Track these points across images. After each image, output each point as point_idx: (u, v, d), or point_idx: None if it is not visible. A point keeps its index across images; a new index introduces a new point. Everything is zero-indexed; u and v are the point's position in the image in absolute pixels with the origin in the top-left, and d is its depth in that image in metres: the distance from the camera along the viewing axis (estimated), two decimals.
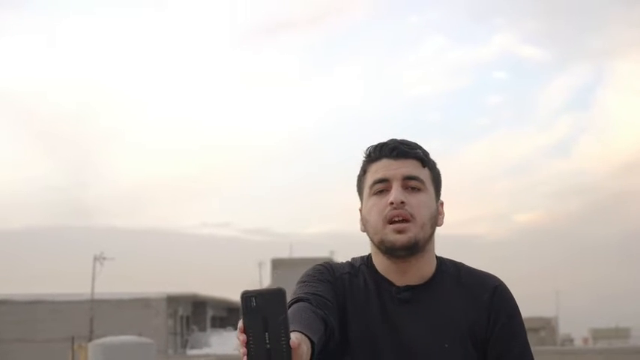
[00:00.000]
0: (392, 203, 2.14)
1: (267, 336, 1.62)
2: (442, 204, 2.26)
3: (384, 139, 2.26)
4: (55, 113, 63.48)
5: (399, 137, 2.27)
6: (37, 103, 61.95)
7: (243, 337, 1.63)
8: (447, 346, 2.15)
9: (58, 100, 62.32)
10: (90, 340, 26.53)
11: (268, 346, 1.61)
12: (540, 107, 72.37)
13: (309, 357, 1.79)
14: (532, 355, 2.22)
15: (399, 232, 2.13)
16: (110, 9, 66.43)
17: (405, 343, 2.15)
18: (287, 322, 1.62)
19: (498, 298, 2.21)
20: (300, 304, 2.00)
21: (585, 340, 53.37)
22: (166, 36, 66.64)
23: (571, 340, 54.68)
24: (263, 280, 55.70)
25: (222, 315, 46.88)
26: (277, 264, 41.65)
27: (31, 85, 62.84)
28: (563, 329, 55.36)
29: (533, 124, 72.28)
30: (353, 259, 2.29)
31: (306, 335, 1.79)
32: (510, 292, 2.25)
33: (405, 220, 2.13)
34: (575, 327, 58.81)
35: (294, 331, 1.71)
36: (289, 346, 1.62)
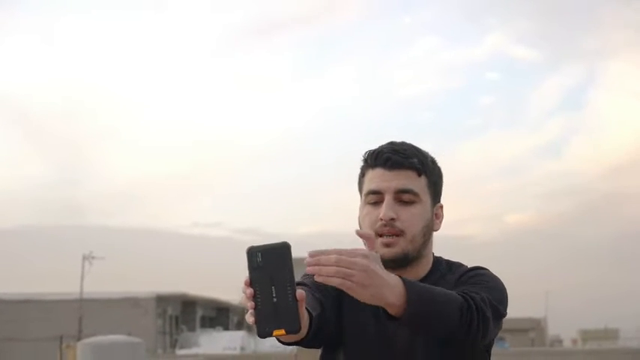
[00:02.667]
0: (382, 219, 2.14)
1: (273, 290, 1.63)
2: (441, 207, 2.25)
3: (382, 143, 2.23)
4: (47, 111, 63.36)
5: (392, 139, 2.25)
6: (29, 101, 61.82)
7: (250, 290, 1.63)
8: (438, 341, 2.14)
9: (49, 99, 62.22)
10: (79, 339, 26.46)
11: (275, 299, 1.62)
12: (532, 108, 72.54)
13: (307, 326, 1.82)
14: (487, 295, 2.07)
15: (387, 245, 2.14)
16: (103, 10, 66.33)
17: (397, 339, 2.17)
18: (293, 275, 1.64)
19: (469, 270, 2.23)
20: (299, 287, 2.00)
21: (574, 341, 53.49)
22: (158, 36, 66.54)
23: (560, 341, 54.78)
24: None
25: (211, 315, 46.83)
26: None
27: (22, 84, 62.68)
28: (553, 330, 55.53)
29: (524, 124, 72.42)
30: None
31: (305, 308, 1.79)
32: (487, 270, 2.21)
33: (394, 235, 2.14)
34: (564, 328, 59.01)
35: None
36: (295, 298, 1.63)
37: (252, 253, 1.65)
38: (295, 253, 1.72)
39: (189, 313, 43.33)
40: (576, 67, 71.79)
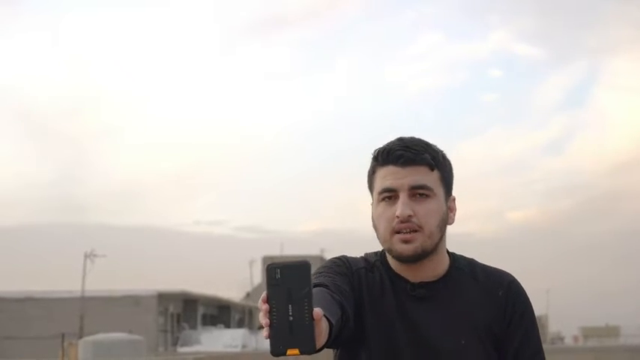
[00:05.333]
0: (398, 217, 2.14)
1: (290, 308, 1.61)
2: (454, 199, 2.25)
3: (389, 139, 2.22)
4: (50, 109, 63.30)
5: (395, 135, 2.24)
6: (32, 99, 61.74)
7: (265, 306, 1.62)
8: (463, 342, 2.16)
9: (51, 97, 62.16)
10: (80, 337, 26.46)
11: (291, 317, 1.61)
12: (535, 105, 72.51)
13: (327, 337, 1.80)
14: (543, 353, 2.25)
15: (406, 242, 2.14)
16: (106, 8, 66.31)
17: (421, 339, 2.16)
18: (311, 295, 1.62)
19: (513, 293, 2.23)
20: (318, 288, 1.97)
21: (576, 338, 53.43)
22: (161, 33, 66.53)
23: (561, 338, 54.78)
24: (254, 279, 55.68)
25: (212, 313, 46.81)
26: (268, 262, 41.51)
27: (26, 81, 62.68)
28: (554, 327, 55.52)
29: (527, 122, 72.43)
30: (366, 254, 2.29)
31: (324, 316, 1.76)
32: (523, 288, 2.27)
33: (412, 231, 2.14)
34: (565, 325, 58.95)
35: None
36: (312, 318, 1.61)
37: (271, 269, 1.63)
38: (297, 251, 1.73)
39: (190, 311, 43.30)
40: (579, 65, 71.85)
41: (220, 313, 47.03)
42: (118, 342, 22.09)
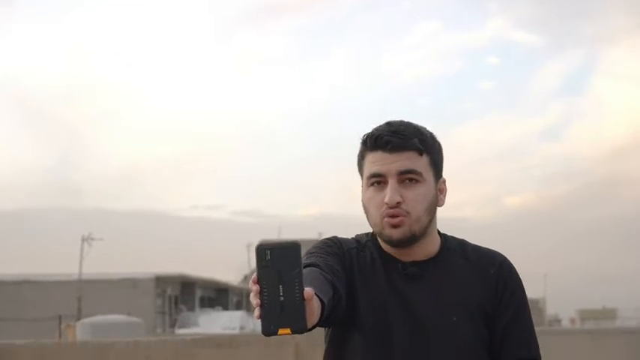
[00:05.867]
0: (387, 203, 2.14)
1: (281, 288, 1.62)
2: (444, 181, 2.25)
3: (380, 124, 2.21)
4: (46, 94, 63.20)
5: (393, 119, 2.22)
6: (28, 83, 61.64)
7: (256, 287, 1.63)
8: (455, 319, 2.17)
9: (48, 81, 62.05)
10: (78, 319, 26.45)
11: (282, 298, 1.62)
12: (532, 92, 72.44)
13: (319, 315, 1.81)
14: (534, 332, 2.26)
15: (395, 226, 2.15)
16: None
17: (413, 317, 2.16)
18: (301, 275, 1.63)
19: (504, 273, 2.25)
20: (309, 268, 1.99)
21: (573, 321, 53.69)
22: (157, 19, 66.30)
23: (559, 321, 55.01)
24: (252, 262, 55.70)
25: (210, 295, 46.86)
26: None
27: (22, 67, 62.52)
28: (551, 310, 55.70)
29: (525, 109, 72.43)
30: (358, 235, 2.29)
31: (316, 295, 1.78)
32: (515, 268, 2.29)
33: (400, 216, 2.15)
34: (562, 308, 59.21)
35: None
36: (303, 298, 1.62)
37: (261, 250, 1.63)
38: (295, 235, 1.68)
39: (188, 294, 43.35)
40: (577, 53, 71.76)
41: (218, 296, 47.07)
42: (116, 323, 22.04)
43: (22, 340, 11.35)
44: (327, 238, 2.26)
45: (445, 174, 2.26)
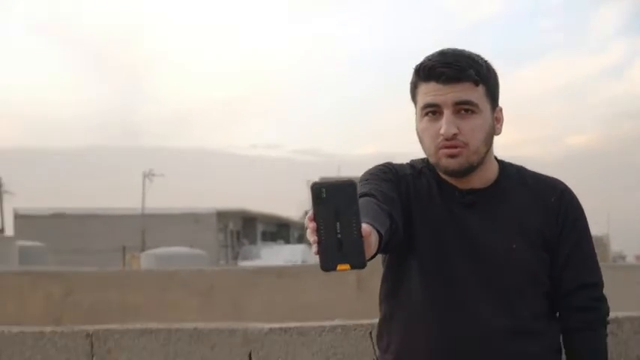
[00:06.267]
0: (443, 135, 2.10)
1: (338, 225, 1.60)
2: (501, 110, 2.20)
3: (433, 52, 2.14)
4: (105, 37, 63.60)
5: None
6: (87, 27, 62.10)
7: (313, 224, 1.61)
8: (514, 246, 2.14)
9: (107, 24, 62.34)
10: (142, 251, 26.87)
11: (339, 235, 1.60)
12: (594, 31, 70.71)
13: (376, 248, 1.79)
14: (596, 258, 2.23)
15: (452, 156, 2.11)
16: None
17: (472, 245, 2.14)
18: (358, 212, 1.61)
19: (566, 201, 2.21)
20: (365, 198, 1.96)
21: (638, 257, 53.06)
22: None
23: (623, 257, 54.50)
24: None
25: (272, 230, 47.32)
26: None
27: (80, 9, 62.90)
28: (616, 247, 55.10)
29: (586, 47, 70.79)
30: (412, 160, 2.25)
31: (373, 227, 1.77)
32: (577, 197, 2.25)
33: (458, 147, 2.11)
34: (627, 246, 58.56)
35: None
36: (361, 234, 1.60)
37: (317, 188, 1.61)
38: (354, 173, 1.58)
39: (249, 228, 43.80)
40: None
41: (279, 230, 47.51)
42: (179, 255, 22.34)
43: (89, 268, 11.54)
44: (381, 164, 2.21)
45: (507, 113, 2.21)
